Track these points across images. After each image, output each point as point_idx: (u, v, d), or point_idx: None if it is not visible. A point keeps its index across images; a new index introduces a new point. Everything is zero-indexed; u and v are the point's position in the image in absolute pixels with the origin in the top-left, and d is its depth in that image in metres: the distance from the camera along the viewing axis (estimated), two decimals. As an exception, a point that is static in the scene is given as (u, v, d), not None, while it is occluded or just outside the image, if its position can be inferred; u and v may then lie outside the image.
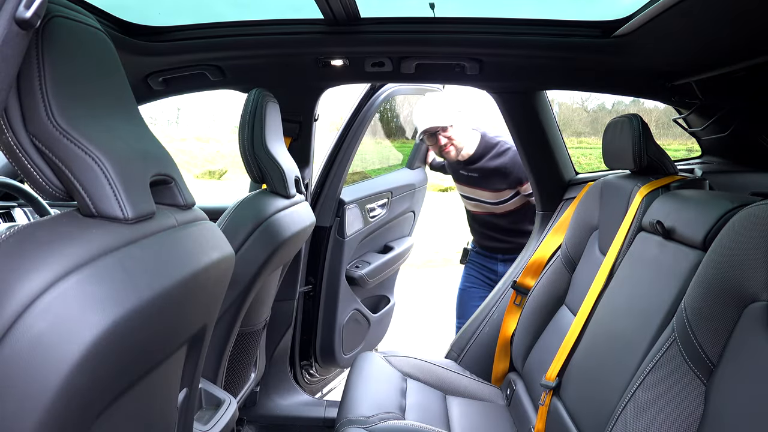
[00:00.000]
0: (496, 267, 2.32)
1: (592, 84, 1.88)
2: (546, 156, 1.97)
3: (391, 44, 1.67)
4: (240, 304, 1.28)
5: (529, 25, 1.60)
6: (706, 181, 1.40)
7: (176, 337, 0.73)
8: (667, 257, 1.06)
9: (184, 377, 0.84)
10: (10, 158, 0.56)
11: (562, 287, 1.59)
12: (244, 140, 1.41)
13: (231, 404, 1.18)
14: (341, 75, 1.84)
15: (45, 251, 0.51)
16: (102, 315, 0.52)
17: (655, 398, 0.81)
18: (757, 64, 1.33)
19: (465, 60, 1.71)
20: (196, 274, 0.70)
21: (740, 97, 1.61)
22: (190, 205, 0.77)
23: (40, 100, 0.54)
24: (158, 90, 1.86)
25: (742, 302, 0.72)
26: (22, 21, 0.47)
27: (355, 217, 2.28)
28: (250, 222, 1.30)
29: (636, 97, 1.96)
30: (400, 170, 2.65)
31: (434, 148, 2.20)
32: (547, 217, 2.01)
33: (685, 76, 1.62)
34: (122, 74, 0.69)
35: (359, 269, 2.29)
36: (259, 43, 1.70)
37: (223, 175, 15.58)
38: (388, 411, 1.34)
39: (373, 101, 2.22)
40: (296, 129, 1.96)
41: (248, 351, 1.60)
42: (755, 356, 0.67)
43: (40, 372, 0.48)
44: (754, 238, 0.71)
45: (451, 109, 2.09)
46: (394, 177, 2.57)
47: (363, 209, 2.33)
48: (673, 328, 0.84)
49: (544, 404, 1.28)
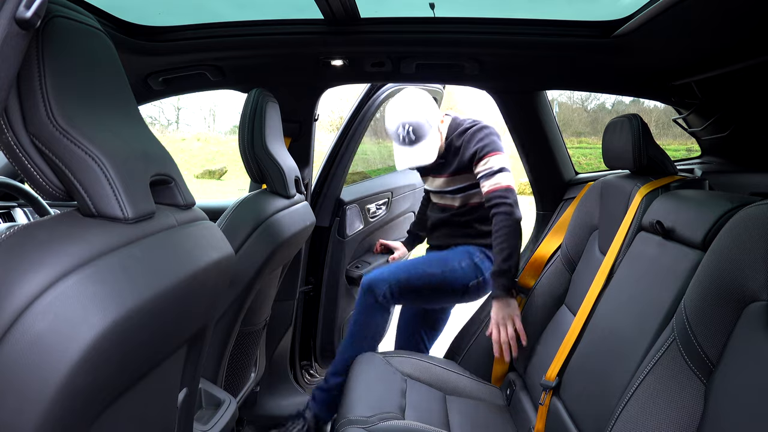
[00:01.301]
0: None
1: (592, 84, 1.89)
2: (546, 156, 1.97)
3: (391, 44, 1.67)
4: (240, 304, 1.28)
5: (529, 25, 1.60)
6: (705, 181, 1.40)
7: (176, 337, 0.73)
8: (666, 257, 1.06)
9: (184, 377, 0.84)
10: (10, 158, 0.56)
11: (562, 287, 1.59)
12: (244, 140, 1.41)
13: (231, 404, 1.18)
14: (341, 75, 1.84)
15: (45, 251, 0.51)
16: (102, 315, 0.52)
17: (655, 398, 0.81)
18: (756, 63, 1.33)
19: (465, 60, 1.72)
20: (196, 274, 0.70)
21: (740, 97, 1.61)
22: (190, 205, 0.77)
23: (40, 100, 0.54)
24: (158, 90, 1.86)
25: (742, 302, 0.72)
26: (23, 21, 0.47)
27: (355, 217, 2.28)
28: (250, 222, 1.30)
29: (636, 97, 1.96)
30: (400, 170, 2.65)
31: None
32: (547, 217, 2.01)
33: (684, 76, 1.63)
34: (122, 74, 0.69)
35: (359, 269, 2.30)
36: (259, 43, 1.70)
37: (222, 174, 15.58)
38: (388, 411, 1.34)
39: (373, 101, 2.22)
40: (296, 129, 1.96)
41: (248, 351, 1.60)
42: (755, 356, 0.67)
43: (40, 372, 0.48)
44: (754, 238, 0.71)
45: (428, 148, 1.79)
46: (394, 177, 2.57)
47: (363, 209, 2.34)
48: (673, 328, 0.84)
49: (543, 404, 1.28)
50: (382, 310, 1.79)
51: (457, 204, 1.94)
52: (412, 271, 1.80)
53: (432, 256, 1.92)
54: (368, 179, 2.55)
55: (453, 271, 1.82)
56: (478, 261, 1.86)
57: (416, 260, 1.88)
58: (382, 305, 1.77)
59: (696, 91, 1.67)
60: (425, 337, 2.09)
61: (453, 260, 1.84)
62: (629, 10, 1.44)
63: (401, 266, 1.83)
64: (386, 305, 1.79)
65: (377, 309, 1.77)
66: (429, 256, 1.93)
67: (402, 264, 1.85)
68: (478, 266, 1.85)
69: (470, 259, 1.86)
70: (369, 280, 1.80)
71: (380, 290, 1.76)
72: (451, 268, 1.82)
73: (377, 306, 1.77)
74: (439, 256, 1.88)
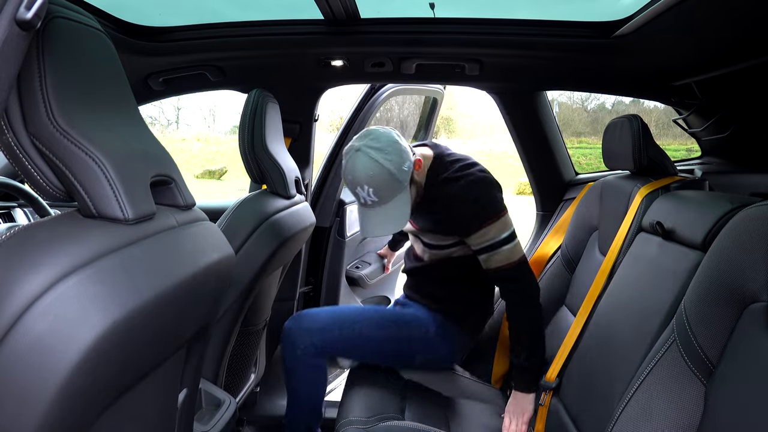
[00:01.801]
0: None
1: (592, 84, 1.89)
2: (546, 156, 1.97)
3: (391, 44, 1.67)
4: (240, 304, 1.28)
5: (529, 26, 1.61)
6: (705, 181, 1.40)
7: (176, 337, 0.73)
8: (666, 258, 1.06)
9: (184, 377, 0.84)
10: (10, 159, 0.56)
11: (562, 288, 1.59)
12: (245, 141, 1.41)
13: (231, 404, 1.18)
14: (341, 75, 1.84)
15: (45, 252, 0.51)
16: (102, 316, 0.52)
17: (655, 399, 0.81)
18: (757, 64, 1.33)
19: (465, 60, 1.72)
20: (197, 274, 0.70)
21: (740, 97, 1.62)
22: (190, 206, 0.77)
23: (40, 100, 0.54)
24: (158, 90, 1.86)
25: (742, 303, 0.72)
26: (23, 22, 0.47)
27: (355, 217, 2.28)
28: (250, 222, 1.30)
29: (636, 98, 1.96)
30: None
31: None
32: (547, 218, 2.02)
33: (685, 77, 1.63)
34: (122, 75, 0.69)
35: (359, 270, 2.29)
36: (259, 43, 1.70)
37: (222, 174, 15.59)
38: (388, 412, 1.34)
39: (374, 101, 2.22)
40: (296, 129, 1.96)
41: (248, 351, 1.60)
42: (755, 357, 0.67)
43: (40, 373, 0.48)
44: (754, 238, 0.71)
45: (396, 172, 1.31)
46: None
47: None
48: (673, 328, 0.84)
49: (544, 404, 1.28)
50: (308, 366, 1.46)
51: (426, 258, 1.56)
52: (347, 328, 1.45)
53: (382, 313, 1.53)
54: None
55: (398, 341, 1.47)
56: (432, 336, 1.49)
57: (359, 313, 1.52)
58: (305, 361, 1.45)
59: (696, 92, 1.67)
60: None
61: (403, 327, 1.48)
62: (629, 11, 1.44)
63: (336, 315, 1.49)
64: (311, 361, 1.46)
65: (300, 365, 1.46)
66: (377, 312, 1.54)
67: (340, 312, 1.51)
68: (430, 343, 1.49)
69: (425, 331, 1.49)
70: (288, 329, 1.47)
71: (301, 343, 1.44)
72: (397, 336, 1.47)
73: (299, 362, 1.46)
74: (390, 316, 1.51)
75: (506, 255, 1.34)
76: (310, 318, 1.47)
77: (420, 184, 1.41)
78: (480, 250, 1.36)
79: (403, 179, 1.32)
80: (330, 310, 1.52)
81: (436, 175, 1.41)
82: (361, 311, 1.53)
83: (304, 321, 1.47)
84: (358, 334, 1.44)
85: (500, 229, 1.33)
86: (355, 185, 1.32)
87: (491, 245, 1.34)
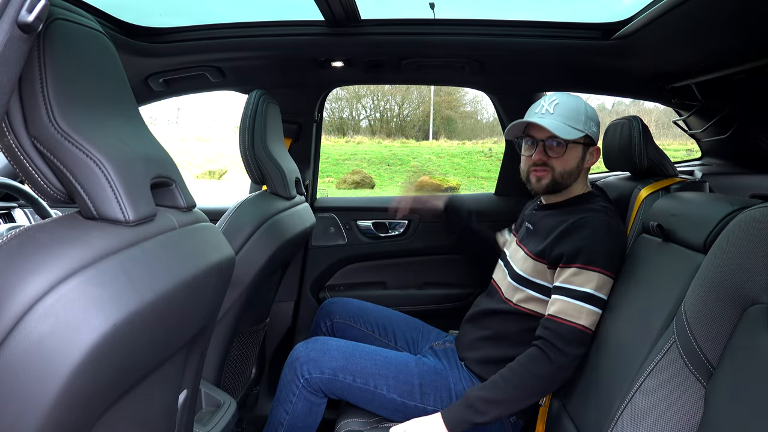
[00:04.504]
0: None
1: (593, 85, 1.89)
2: None
3: (391, 45, 1.67)
4: (240, 305, 1.28)
5: (530, 27, 1.61)
6: (706, 183, 1.40)
7: (177, 338, 0.73)
8: (667, 259, 1.06)
9: (184, 378, 0.84)
10: (11, 160, 0.56)
11: (562, 289, 1.58)
12: (245, 142, 1.41)
13: (231, 405, 1.18)
14: (341, 76, 1.85)
15: (46, 254, 0.51)
16: (103, 317, 0.52)
17: (655, 400, 0.81)
18: (757, 66, 1.33)
19: (465, 61, 1.72)
20: (197, 275, 0.70)
21: (740, 99, 1.62)
22: (191, 207, 0.77)
23: (41, 102, 0.54)
24: (159, 91, 1.86)
25: (743, 305, 0.72)
26: (25, 25, 0.47)
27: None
28: (250, 223, 1.30)
29: (636, 99, 1.96)
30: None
31: (524, 162, 1.33)
32: (547, 219, 2.01)
33: (685, 78, 1.63)
34: (123, 76, 0.69)
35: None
36: (259, 44, 1.70)
37: (223, 175, 15.59)
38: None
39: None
40: (296, 130, 1.96)
41: (248, 351, 1.60)
42: (755, 359, 0.67)
43: (41, 375, 0.48)
44: (754, 240, 0.71)
45: (586, 117, 1.26)
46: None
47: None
48: (673, 330, 0.84)
49: (543, 405, 1.28)
50: (305, 400, 1.30)
51: (513, 299, 1.31)
52: (360, 378, 1.28)
53: (406, 371, 1.30)
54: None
55: (416, 411, 1.26)
56: (454, 396, 1.28)
57: (380, 365, 1.30)
58: (302, 394, 1.30)
59: (696, 93, 1.67)
60: None
61: (427, 396, 1.28)
62: (630, 12, 1.45)
63: (353, 359, 1.29)
64: (311, 397, 1.30)
65: (299, 397, 1.30)
66: (401, 370, 1.30)
67: (358, 357, 1.31)
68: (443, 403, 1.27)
69: (447, 392, 1.29)
70: (298, 355, 1.31)
71: (307, 372, 1.29)
72: (421, 407, 1.27)
73: (298, 391, 1.30)
74: (415, 378, 1.29)
75: (575, 311, 1.15)
76: (324, 350, 1.31)
77: (580, 180, 1.30)
78: (558, 288, 1.19)
79: (584, 130, 1.24)
80: (347, 349, 1.32)
81: (595, 197, 1.29)
82: (383, 362, 1.30)
83: (316, 352, 1.30)
84: (373, 392, 1.27)
85: (595, 285, 1.15)
86: (545, 96, 1.29)
87: (573, 290, 1.16)
